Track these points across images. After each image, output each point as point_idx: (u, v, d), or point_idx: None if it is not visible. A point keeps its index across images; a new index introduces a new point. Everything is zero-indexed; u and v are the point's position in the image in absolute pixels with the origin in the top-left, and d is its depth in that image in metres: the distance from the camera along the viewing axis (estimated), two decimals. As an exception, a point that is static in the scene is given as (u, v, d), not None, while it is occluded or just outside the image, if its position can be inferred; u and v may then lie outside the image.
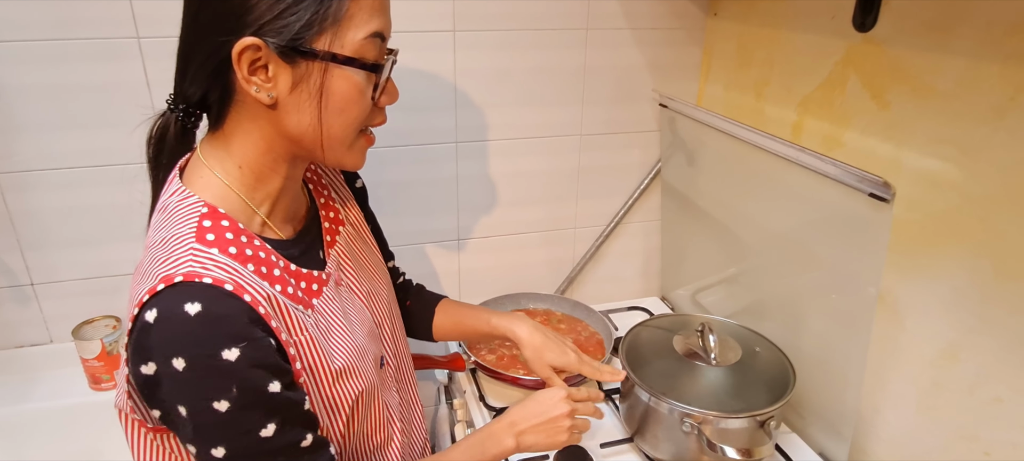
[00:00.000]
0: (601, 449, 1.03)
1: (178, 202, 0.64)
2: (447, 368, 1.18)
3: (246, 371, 0.58)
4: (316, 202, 0.81)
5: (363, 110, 0.66)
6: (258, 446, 0.61)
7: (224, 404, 0.58)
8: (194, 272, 0.57)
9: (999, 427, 0.81)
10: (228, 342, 0.57)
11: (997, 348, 0.80)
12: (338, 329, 0.73)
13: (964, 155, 0.81)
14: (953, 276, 0.84)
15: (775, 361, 1.03)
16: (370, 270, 0.86)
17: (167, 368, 0.56)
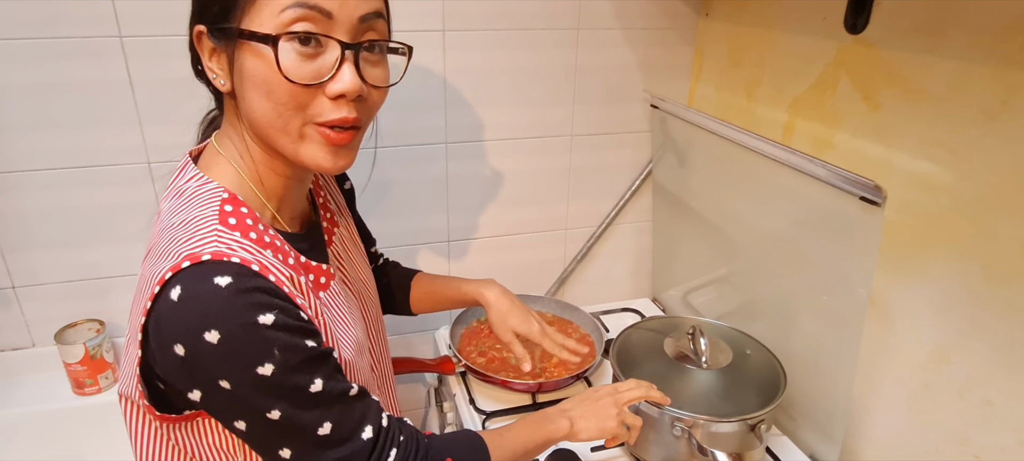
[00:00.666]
0: (592, 453, 1.02)
1: (197, 187, 0.64)
2: (436, 371, 1.17)
3: (283, 333, 0.58)
4: (316, 202, 0.82)
5: (289, 92, 0.60)
6: (311, 401, 0.62)
7: (269, 368, 0.58)
8: (221, 251, 0.57)
9: (989, 430, 0.81)
10: (262, 309, 0.57)
11: (987, 351, 0.80)
12: (342, 323, 0.74)
13: (955, 158, 0.81)
14: (943, 279, 0.84)
15: (766, 363, 1.03)
16: (360, 273, 0.87)
17: (199, 345, 0.56)
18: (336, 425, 0.64)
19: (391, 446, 0.68)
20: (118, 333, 1.21)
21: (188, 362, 0.57)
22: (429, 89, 1.20)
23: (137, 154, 1.09)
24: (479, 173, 1.30)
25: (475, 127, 1.26)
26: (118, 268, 1.16)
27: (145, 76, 1.05)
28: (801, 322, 1.04)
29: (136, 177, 1.11)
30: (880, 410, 0.96)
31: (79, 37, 1.00)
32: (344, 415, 0.65)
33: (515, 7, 1.18)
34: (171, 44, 1.04)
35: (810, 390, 1.02)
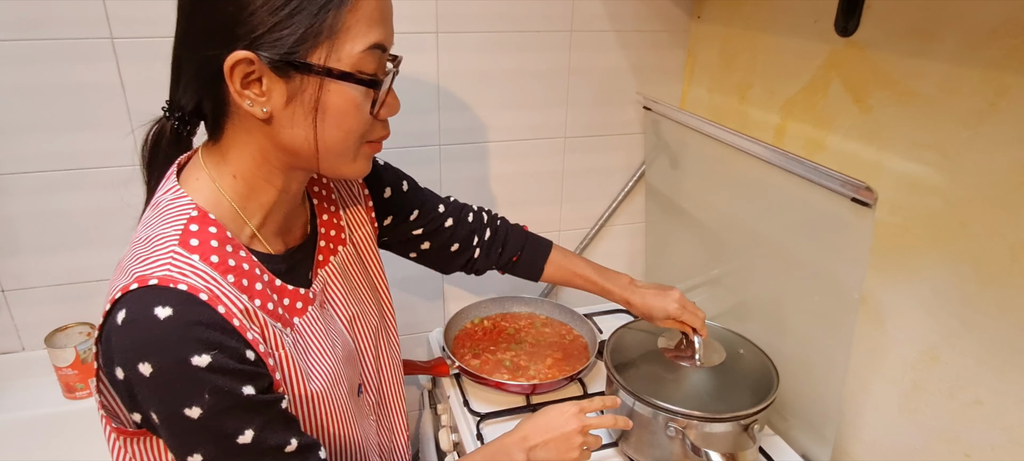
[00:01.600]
0: (586, 454, 1.02)
1: (170, 200, 0.63)
2: (431, 373, 1.17)
3: (218, 377, 0.56)
4: (317, 218, 0.79)
5: (361, 123, 0.64)
6: (238, 453, 0.59)
7: (196, 411, 0.56)
8: (170, 276, 0.55)
9: (979, 429, 0.81)
10: (198, 348, 0.55)
11: (977, 351, 0.81)
12: (317, 351, 0.71)
13: (945, 159, 0.82)
14: (934, 279, 0.85)
15: (759, 363, 1.03)
16: (361, 294, 0.83)
17: (134, 373, 0.55)
18: None
19: None
20: (109, 337, 1.20)
21: (128, 386, 0.56)
22: (422, 91, 1.20)
23: (128, 157, 1.09)
24: (473, 175, 1.30)
25: (469, 129, 1.26)
26: (109, 271, 1.14)
27: (136, 78, 1.05)
28: (793, 322, 1.05)
29: (127, 180, 1.10)
30: (871, 410, 0.97)
31: (70, 39, 1.00)
32: None
33: (508, 9, 1.18)
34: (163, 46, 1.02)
35: (802, 390, 1.03)
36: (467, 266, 1.02)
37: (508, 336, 1.27)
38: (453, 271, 1.03)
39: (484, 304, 1.33)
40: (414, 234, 0.96)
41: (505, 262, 1.03)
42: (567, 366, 1.17)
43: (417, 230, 0.96)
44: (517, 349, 1.23)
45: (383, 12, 0.63)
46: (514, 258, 1.03)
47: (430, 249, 0.98)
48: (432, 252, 0.99)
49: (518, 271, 1.05)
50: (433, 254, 0.99)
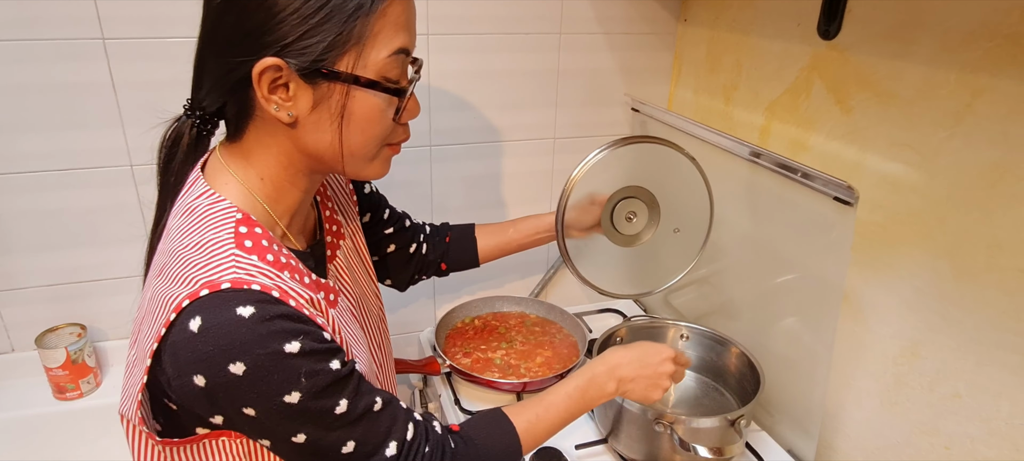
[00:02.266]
0: (576, 450, 1.03)
1: (209, 205, 0.62)
2: (422, 372, 1.18)
3: (310, 359, 0.58)
4: (322, 214, 0.80)
5: (385, 128, 0.65)
6: (336, 422, 0.61)
7: (296, 395, 0.57)
8: (241, 279, 0.56)
9: (958, 422, 0.84)
10: (288, 336, 0.56)
11: (955, 346, 0.83)
12: (352, 338, 0.73)
13: (923, 159, 0.84)
14: (914, 276, 0.87)
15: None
16: (363, 286, 0.85)
17: (223, 376, 0.55)
18: (359, 442, 0.64)
19: (415, 456, 0.67)
20: (100, 337, 1.20)
21: (209, 391, 0.56)
22: (413, 92, 1.21)
23: (119, 157, 1.09)
24: (463, 175, 1.31)
25: (459, 130, 1.27)
26: (100, 271, 1.16)
27: (128, 78, 1.05)
28: (778, 321, 1.07)
29: (119, 180, 1.10)
30: (854, 405, 0.99)
31: (61, 39, 1.00)
32: (368, 432, 0.64)
33: (498, 11, 1.20)
34: (154, 46, 1.04)
35: (787, 387, 1.05)
36: (418, 264, 1.03)
37: (499, 335, 1.28)
38: (407, 281, 1.05)
39: (474, 303, 1.34)
40: (385, 234, 0.98)
41: (443, 248, 1.04)
42: (557, 364, 1.19)
43: (388, 230, 0.98)
44: (508, 348, 1.24)
45: (408, 17, 0.63)
46: (447, 238, 1.05)
47: (394, 252, 1.00)
48: (396, 253, 1.00)
49: (454, 254, 1.05)
50: (395, 256, 1.00)
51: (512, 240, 1.06)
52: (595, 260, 1.09)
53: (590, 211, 1.02)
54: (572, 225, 1.03)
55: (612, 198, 1.01)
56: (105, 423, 1.14)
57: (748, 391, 1.02)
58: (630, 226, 1.03)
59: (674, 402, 1.11)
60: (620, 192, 1.01)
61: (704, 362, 1.14)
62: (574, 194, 0.96)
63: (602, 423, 1.05)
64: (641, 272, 1.19)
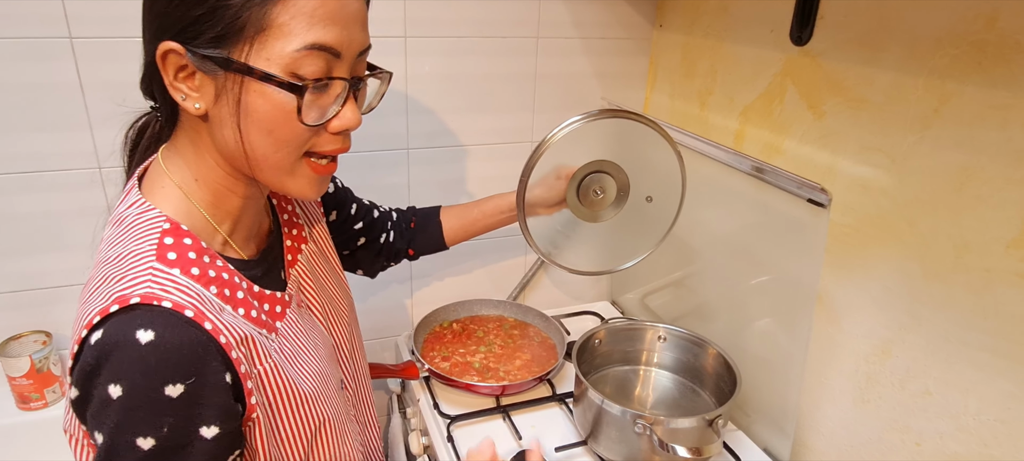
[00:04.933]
0: (556, 453, 1.04)
1: (137, 215, 0.60)
2: (400, 376, 1.17)
3: (183, 410, 0.54)
4: (279, 218, 0.78)
5: (296, 132, 0.59)
6: None
7: (149, 442, 0.53)
8: (153, 294, 0.53)
9: (928, 418, 0.86)
10: (175, 377, 0.53)
11: (925, 344, 0.85)
12: (303, 353, 0.70)
13: (893, 163, 0.86)
14: (885, 277, 0.89)
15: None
16: (330, 290, 0.83)
17: (101, 393, 0.52)
18: None
19: None
20: (66, 346, 1.16)
21: (79, 403, 0.55)
22: (390, 95, 1.20)
23: (87, 159, 1.06)
24: (441, 178, 1.31)
25: (437, 133, 1.26)
26: (66, 277, 1.12)
27: (96, 78, 1.03)
28: (754, 322, 1.08)
29: (86, 182, 1.07)
30: (828, 403, 1.01)
31: (27, 37, 0.97)
32: None
33: (476, 14, 1.20)
34: (123, 46, 1.02)
35: (763, 387, 1.07)
36: (386, 253, 1.02)
37: (477, 338, 1.28)
38: (378, 270, 1.03)
39: (452, 307, 1.34)
40: (355, 229, 0.96)
41: (410, 235, 1.04)
42: (536, 367, 1.19)
43: (357, 225, 0.96)
44: (486, 351, 1.24)
45: (329, 11, 0.56)
46: (411, 224, 1.04)
47: (364, 244, 0.99)
48: (366, 246, 0.99)
49: (420, 239, 1.05)
50: (366, 248, 0.99)
51: (477, 221, 1.05)
52: (559, 238, 1.08)
53: (556, 186, 1.00)
54: (538, 203, 1.01)
55: (580, 172, 0.99)
56: (71, 434, 1.11)
57: (725, 391, 1.03)
58: (597, 201, 1.02)
59: (653, 403, 1.12)
60: (588, 166, 0.99)
61: (681, 363, 1.15)
62: (540, 167, 0.93)
63: (582, 425, 1.05)
64: (605, 251, 1.17)
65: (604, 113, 0.96)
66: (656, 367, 1.17)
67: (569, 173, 0.99)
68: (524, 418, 1.11)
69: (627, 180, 1.02)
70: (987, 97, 0.74)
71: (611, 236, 1.11)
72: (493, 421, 1.11)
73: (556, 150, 0.94)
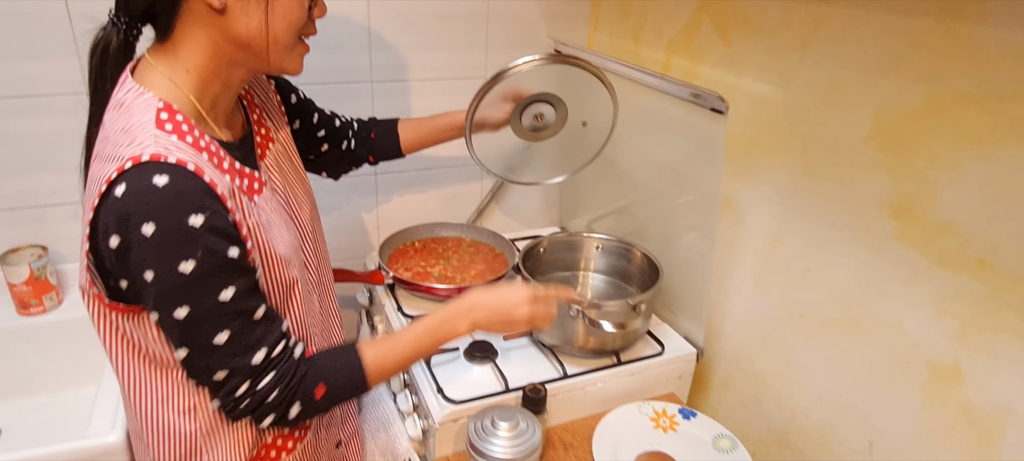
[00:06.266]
0: (504, 342, 1.19)
1: (135, 98, 0.71)
2: (367, 282, 1.31)
3: (209, 236, 0.67)
4: (249, 117, 0.89)
5: (302, 17, 0.75)
6: (218, 308, 0.70)
7: (189, 265, 0.66)
8: (159, 153, 0.65)
9: (808, 292, 1.03)
10: (194, 209, 0.66)
11: (807, 231, 1.02)
12: (275, 226, 0.82)
13: (782, 79, 1.02)
14: (777, 178, 1.06)
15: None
16: (295, 187, 0.95)
17: (136, 235, 0.64)
18: (233, 338, 0.72)
19: (268, 371, 0.75)
20: (60, 260, 1.27)
21: (121, 251, 0.66)
22: (354, 30, 1.32)
23: (75, 84, 1.16)
24: (403, 109, 1.43)
25: (398, 66, 1.39)
26: (59, 196, 1.23)
27: (83, 8, 1.12)
28: (679, 233, 1.24)
29: (74, 107, 1.17)
30: (734, 292, 1.18)
31: (18, -30, 1.06)
32: (243, 331, 0.72)
33: (432, -42, 1.31)
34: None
35: (684, 285, 1.23)
36: (348, 159, 1.14)
37: (437, 254, 1.42)
38: (340, 173, 1.16)
39: (416, 229, 1.48)
40: (318, 136, 1.08)
41: (370, 143, 1.15)
42: (490, 274, 1.34)
43: (320, 132, 1.08)
44: (446, 264, 1.38)
45: None
46: (371, 134, 1.16)
47: (328, 150, 1.10)
48: (329, 152, 1.11)
49: (379, 147, 1.17)
50: (329, 154, 1.11)
51: (431, 133, 1.18)
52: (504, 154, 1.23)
53: (502, 109, 1.14)
54: (485, 122, 1.15)
55: (524, 100, 1.13)
56: (69, 338, 1.22)
57: (649, 284, 1.20)
58: (537, 125, 1.17)
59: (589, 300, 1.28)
60: (532, 96, 1.14)
61: (614, 267, 1.31)
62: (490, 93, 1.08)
63: (527, 319, 1.20)
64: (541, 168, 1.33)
65: (556, 58, 1.11)
66: (593, 272, 1.33)
67: (515, 98, 1.13)
68: (478, 318, 1.26)
69: (566, 110, 1.17)
70: (851, 17, 0.90)
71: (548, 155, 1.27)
72: (451, 320, 1.25)
73: (507, 81, 1.08)
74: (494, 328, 0.90)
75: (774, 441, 1.14)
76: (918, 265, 0.86)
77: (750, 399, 1.18)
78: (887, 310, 0.91)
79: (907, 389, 0.90)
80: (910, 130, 0.84)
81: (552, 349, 1.17)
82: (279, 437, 0.89)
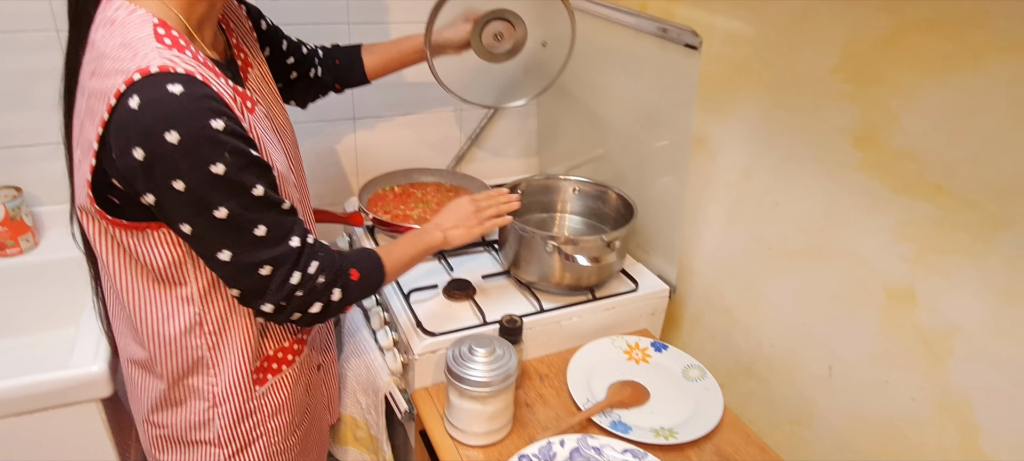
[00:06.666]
0: (483, 280, 1.22)
1: (127, 14, 0.70)
2: (347, 223, 1.32)
3: (232, 138, 0.68)
4: (229, 41, 0.90)
5: None
6: (254, 203, 0.72)
7: (221, 167, 0.68)
8: (165, 64, 0.65)
9: (776, 225, 1.06)
10: (213, 114, 0.67)
11: (775, 165, 1.05)
12: (270, 145, 0.82)
13: (754, 14, 1.03)
14: (748, 113, 1.08)
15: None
16: (276, 112, 0.96)
17: (160, 146, 0.65)
18: (271, 228, 0.75)
19: (313, 257, 0.80)
20: (35, 203, 1.26)
21: (146, 164, 0.66)
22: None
23: (45, 21, 1.14)
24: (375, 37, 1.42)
25: (377, 9, 1.38)
26: (32, 137, 1.21)
27: (51, -57, 1.10)
28: (654, 177, 1.26)
29: (45, 44, 1.16)
30: (707, 228, 1.21)
31: (-19, -101, 1.04)
32: (278, 222, 0.76)
33: None
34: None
35: (659, 227, 1.26)
36: (316, 87, 1.15)
37: (416, 198, 1.43)
38: (308, 101, 1.17)
39: (394, 174, 1.48)
40: (287, 63, 1.08)
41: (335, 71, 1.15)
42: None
43: (289, 59, 1.08)
44: (424, 207, 1.39)
45: None
46: (337, 61, 1.16)
47: (297, 78, 1.10)
48: (297, 80, 1.11)
49: (345, 75, 1.16)
50: (298, 82, 1.11)
51: (395, 58, 1.18)
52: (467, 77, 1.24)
53: (463, 29, 1.15)
54: (447, 43, 1.16)
55: (483, 17, 1.14)
56: (47, 280, 1.23)
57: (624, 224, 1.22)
58: (498, 45, 1.18)
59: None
60: (490, 13, 1.15)
61: (590, 208, 1.34)
62: (449, 11, 1.08)
63: (505, 259, 1.22)
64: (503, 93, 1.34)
65: None
66: (569, 213, 1.35)
67: (475, 17, 1.15)
68: (457, 260, 1.28)
69: (524, 29, 1.18)
70: (819, -50, 0.92)
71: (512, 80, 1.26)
72: (431, 263, 1.27)
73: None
74: (460, 229, 1.03)
75: (741, 372, 1.18)
76: (879, 193, 0.89)
77: (719, 333, 1.22)
78: (849, 238, 0.95)
79: (865, 314, 0.94)
80: (875, 60, 0.87)
81: (529, 286, 1.19)
82: (280, 349, 0.92)
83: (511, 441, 0.98)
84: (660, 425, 0.99)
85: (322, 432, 1.18)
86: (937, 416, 0.86)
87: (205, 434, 0.90)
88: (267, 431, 0.94)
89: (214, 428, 0.89)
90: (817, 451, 1.05)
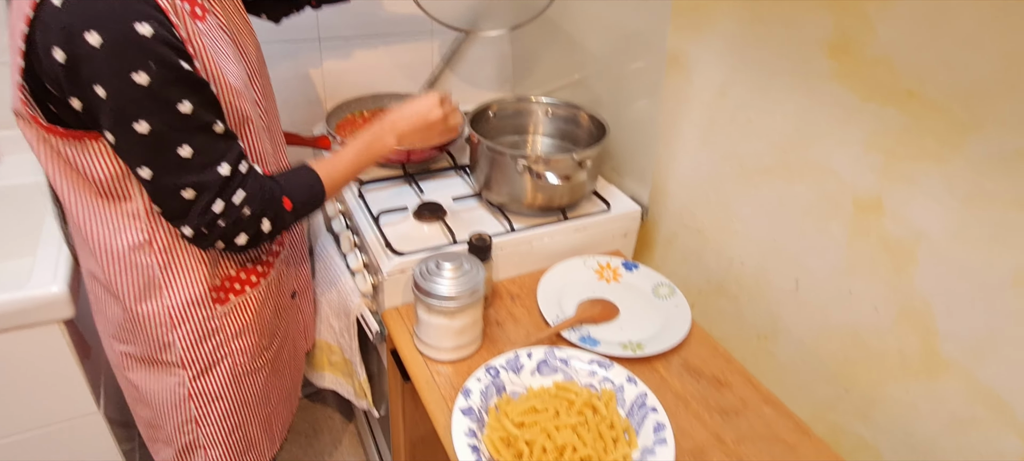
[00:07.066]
0: (453, 203, 1.20)
1: None
2: (314, 146, 1.29)
3: (160, 46, 0.64)
4: None
5: None
6: (178, 121, 0.68)
7: (144, 77, 0.64)
8: None
9: (748, 142, 1.05)
10: (139, 16, 0.62)
11: (749, 81, 1.03)
12: (222, 55, 0.79)
13: (731, -79, 1.00)
14: (725, 28, 1.05)
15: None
16: (239, 24, 0.91)
17: (81, 47, 0.61)
18: (197, 151, 0.70)
19: (240, 186, 0.76)
20: (-15, 124, 1.21)
21: (69, 66, 0.62)
22: None
23: (-17, -72, 1.07)
24: None
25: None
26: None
27: None
28: (630, 100, 1.24)
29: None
30: (681, 149, 1.20)
31: None
32: (206, 145, 0.71)
33: None
34: None
35: (633, 149, 1.25)
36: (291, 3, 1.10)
37: (386, 123, 1.40)
38: (281, 16, 1.12)
39: (364, 99, 1.44)
40: None
41: None
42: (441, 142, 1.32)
43: None
44: (394, 131, 1.36)
45: None
46: None
47: None
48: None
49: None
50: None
51: None
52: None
53: None
54: None
55: None
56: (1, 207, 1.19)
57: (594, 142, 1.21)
58: None
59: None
60: None
61: (562, 130, 1.32)
62: None
63: (477, 182, 1.21)
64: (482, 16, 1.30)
65: None
66: (541, 135, 1.33)
67: None
68: (427, 183, 1.26)
69: None
70: None
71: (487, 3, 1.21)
72: (401, 186, 1.25)
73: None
74: (417, 135, 0.96)
75: (712, 291, 1.19)
76: (850, 103, 0.88)
77: (691, 253, 1.22)
78: (820, 152, 0.94)
79: (833, 226, 0.94)
80: (850, -36, 0.84)
81: (500, 207, 1.18)
82: (242, 270, 0.90)
83: (480, 357, 0.98)
84: (628, 339, 1.00)
85: (297, 358, 1.18)
86: (898, 323, 0.88)
87: (168, 355, 0.89)
88: (231, 351, 0.93)
89: (176, 350, 0.88)
90: (782, 363, 1.07)
